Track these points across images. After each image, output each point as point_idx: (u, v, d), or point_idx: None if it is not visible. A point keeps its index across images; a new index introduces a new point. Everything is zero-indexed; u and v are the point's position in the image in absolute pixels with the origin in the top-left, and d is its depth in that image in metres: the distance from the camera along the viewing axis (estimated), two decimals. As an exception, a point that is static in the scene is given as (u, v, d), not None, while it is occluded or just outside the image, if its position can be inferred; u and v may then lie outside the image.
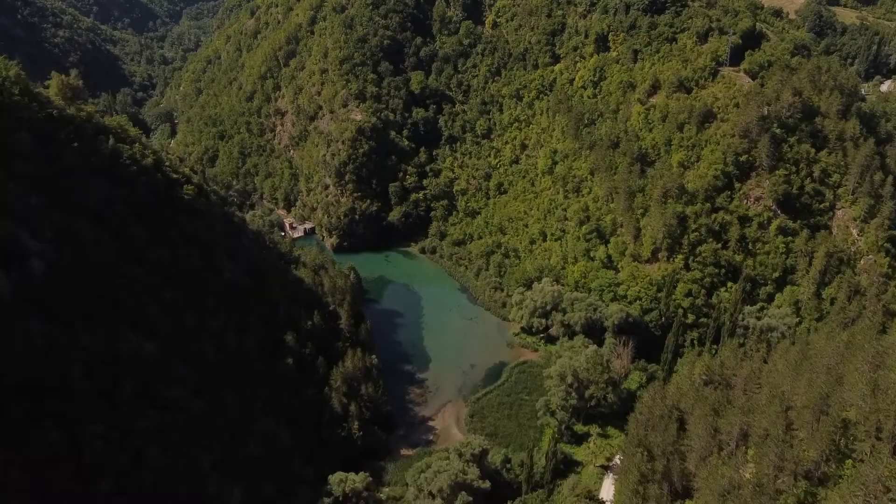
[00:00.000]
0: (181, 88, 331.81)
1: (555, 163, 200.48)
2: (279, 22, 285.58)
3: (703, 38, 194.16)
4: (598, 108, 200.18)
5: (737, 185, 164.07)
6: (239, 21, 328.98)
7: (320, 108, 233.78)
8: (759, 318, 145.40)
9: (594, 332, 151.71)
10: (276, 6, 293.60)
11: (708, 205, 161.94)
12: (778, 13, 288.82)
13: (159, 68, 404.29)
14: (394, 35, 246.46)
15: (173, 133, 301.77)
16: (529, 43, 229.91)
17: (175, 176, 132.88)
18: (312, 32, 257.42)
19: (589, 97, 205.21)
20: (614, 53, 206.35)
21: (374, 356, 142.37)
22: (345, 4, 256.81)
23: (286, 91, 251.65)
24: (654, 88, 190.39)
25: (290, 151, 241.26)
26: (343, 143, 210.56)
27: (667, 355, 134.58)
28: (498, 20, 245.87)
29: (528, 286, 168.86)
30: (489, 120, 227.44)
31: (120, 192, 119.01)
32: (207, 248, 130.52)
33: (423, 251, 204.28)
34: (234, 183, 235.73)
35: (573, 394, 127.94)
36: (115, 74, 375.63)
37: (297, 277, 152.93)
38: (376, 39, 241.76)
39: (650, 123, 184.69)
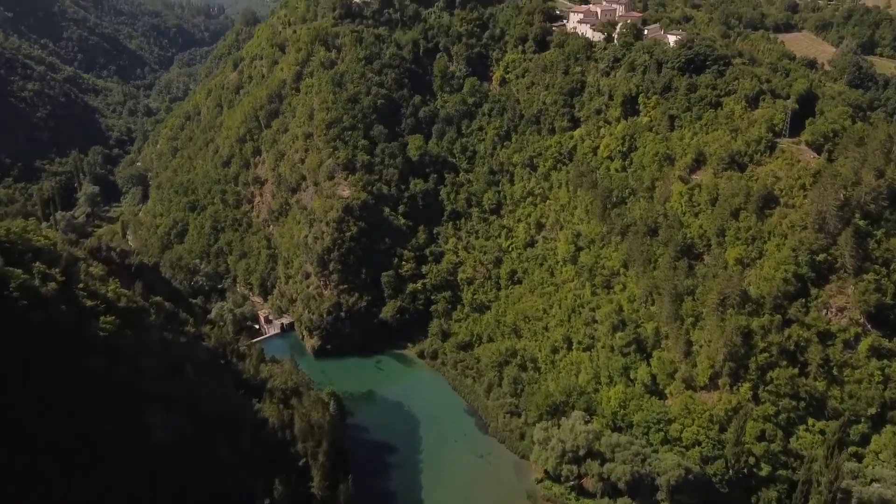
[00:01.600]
0: (158, 146, 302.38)
1: (578, 249, 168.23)
2: (263, 76, 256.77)
3: (752, 102, 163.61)
4: (629, 183, 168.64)
5: (813, 290, 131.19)
6: (223, 73, 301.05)
7: (304, 178, 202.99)
8: (856, 477, 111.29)
9: (642, 489, 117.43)
10: (261, 59, 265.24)
11: (778, 316, 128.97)
12: (812, 64, 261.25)
13: (141, 120, 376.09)
14: (389, 93, 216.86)
15: (145, 198, 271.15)
16: (544, 104, 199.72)
17: (91, 303, 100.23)
18: (298, 90, 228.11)
19: (617, 170, 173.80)
20: (646, 119, 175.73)
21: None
22: (334, 59, 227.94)
23: (267, 156, 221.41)
24: (698, 163, 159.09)
25: (268, 227, 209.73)
26: (327, 224, 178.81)
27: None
28: (507, 77, 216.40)
29: (553, 413, 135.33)
30: (498, 193, 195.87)
31: (2, 338, 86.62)
32: (130, 400, 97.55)
33: (421, 355, 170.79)
34: (203, 265, 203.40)
35: None
36: (90, 129, 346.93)
37: (259, 418, 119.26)
38: (369, 99, 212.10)
39: (695, 206, 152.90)
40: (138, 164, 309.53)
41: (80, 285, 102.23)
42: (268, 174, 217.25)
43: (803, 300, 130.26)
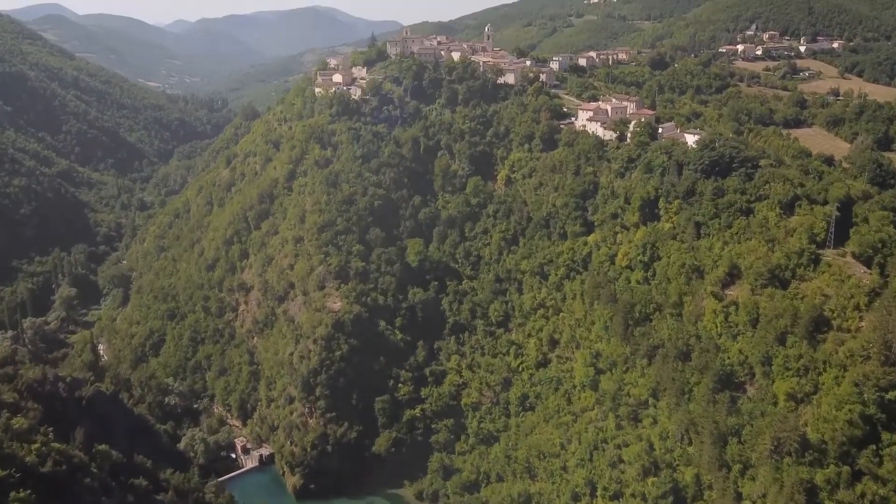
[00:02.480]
0: (145, 244, 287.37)
1: (598, 372, 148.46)
2: (256, 174, 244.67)
3: (787, 208, 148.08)
4: (653, 297, 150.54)
5: (885, 435, 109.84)
6: (216, 169, 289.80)
7: (292, 286, 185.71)
8: None
9: None
10: (255, 155, 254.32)
11: (846, 468, 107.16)
12: (829, 161, 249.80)
13: (133, 215, 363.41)
14: (387, 194, 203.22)
15: (126, 300, 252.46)
16: (553, 206, 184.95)
17: (2, 473, 79.90)
18: (290, 189, 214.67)
19: (638, 282, 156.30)
20: (668, 225, 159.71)
21: None
22: (329, 157, 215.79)
23: (254, 260, 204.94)
24: (732, 277, 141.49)
25: (252, 339, 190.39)
26: (315, 341, 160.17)
27: None
28: (512, 176, 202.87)
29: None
30: (506, 303, 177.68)
31: None
32: None
33: (420, 497, 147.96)
34: (176, 384, 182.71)
35: None
36: (78, 225, 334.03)
37: None
38: (365, 200, 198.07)
39: (733, 328, 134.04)
40: (124, 262, 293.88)
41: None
42: (254, 280, 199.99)
43: (874, 447, 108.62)
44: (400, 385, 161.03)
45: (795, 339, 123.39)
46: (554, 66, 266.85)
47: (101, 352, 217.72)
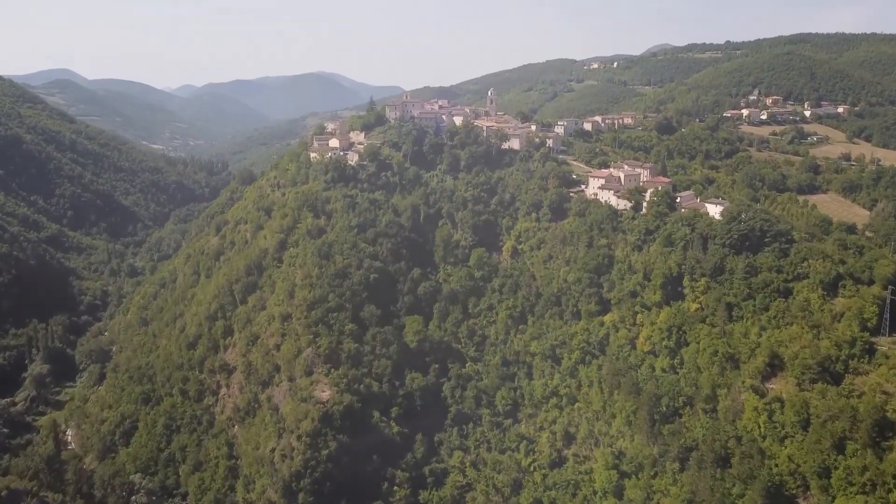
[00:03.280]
0: (128, 316, 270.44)
1: (622, 475, 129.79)
2: (247, 242, 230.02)
3: (830, 289, 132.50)
4: (683, 389, 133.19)
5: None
6: (206, 236, 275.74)
7: (277, 369, 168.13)
8: None
9: None
10: (245, 223, 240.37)
11: None
12: (852, 229, 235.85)
13: (121, 282, 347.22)
14: (384, 266, 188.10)
15: (102, 379, 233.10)
16: (565, 281, 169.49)
17: None
18: (280, 261, 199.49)
19: (664, 370, 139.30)
20: (694, 306, 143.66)
21: None
22: (323, 227, 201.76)
23: (238, 338, 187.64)
24: (773, 368, 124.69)
25: (232, 428, 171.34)
26: (299, 438, 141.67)
27: None
28: (519, 248, 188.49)
29: None
30: (514, 390, 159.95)
31: None
32: None
33: None
34: (145, 482, 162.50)
35: None
36: (61, 294, 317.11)
37: None
38: (360, 273, 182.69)
39: (779, 429, 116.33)
40: (105, 334, 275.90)
41: None
42: (237, 361, 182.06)
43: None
44: (395, 488, 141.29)
45: (857, 446, 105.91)
46: (559, 130, 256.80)
47: (69, 438, 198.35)
